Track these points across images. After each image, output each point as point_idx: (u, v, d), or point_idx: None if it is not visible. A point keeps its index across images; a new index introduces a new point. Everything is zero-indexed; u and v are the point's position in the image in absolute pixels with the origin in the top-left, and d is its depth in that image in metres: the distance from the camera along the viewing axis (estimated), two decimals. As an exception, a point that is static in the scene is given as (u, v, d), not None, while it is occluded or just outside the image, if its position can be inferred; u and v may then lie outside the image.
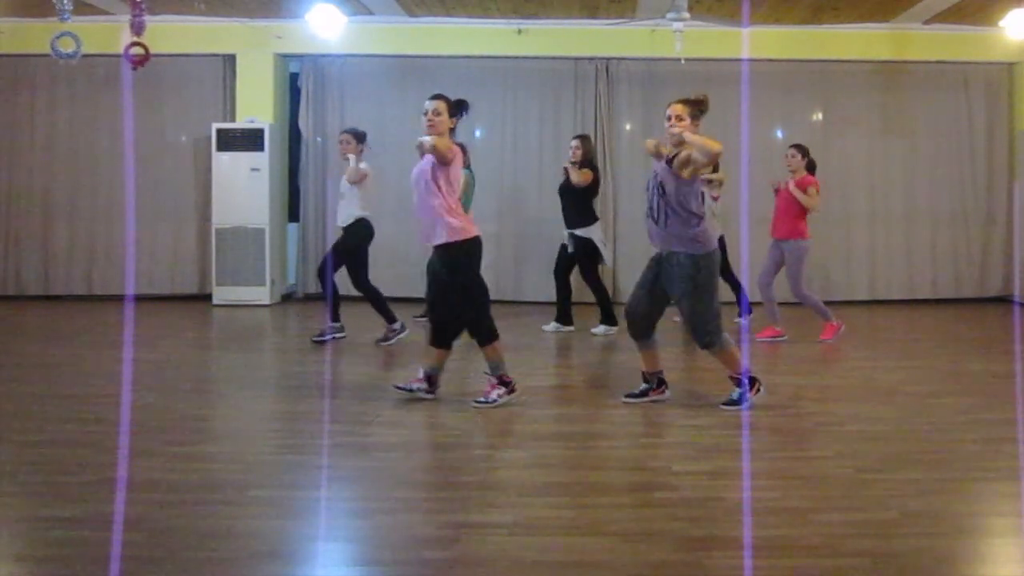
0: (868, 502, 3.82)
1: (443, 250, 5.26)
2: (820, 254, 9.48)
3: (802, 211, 7.42)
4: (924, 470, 4.25)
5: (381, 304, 7.32)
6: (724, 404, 5.27)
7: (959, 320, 9.25)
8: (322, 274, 7.34)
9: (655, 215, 5.15)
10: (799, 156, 7.53)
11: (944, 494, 3.92)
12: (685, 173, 5.04)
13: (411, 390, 5.43)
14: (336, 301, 7.38)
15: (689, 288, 5.12)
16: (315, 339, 7.39)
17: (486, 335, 5.32)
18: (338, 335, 7.42)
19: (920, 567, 3.18)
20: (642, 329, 5.33)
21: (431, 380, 5.45)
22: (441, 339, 5.44)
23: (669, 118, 5.09)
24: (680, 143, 5.04)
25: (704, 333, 5.18)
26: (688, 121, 5.04)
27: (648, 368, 5.43)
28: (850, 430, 5.00)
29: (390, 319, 7.33)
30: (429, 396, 5.43)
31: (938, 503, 3.81)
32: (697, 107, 5.11)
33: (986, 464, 4.35)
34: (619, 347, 7.53)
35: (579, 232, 7.94)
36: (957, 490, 3.98)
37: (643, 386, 5.44)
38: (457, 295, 5.32)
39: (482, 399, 5.31)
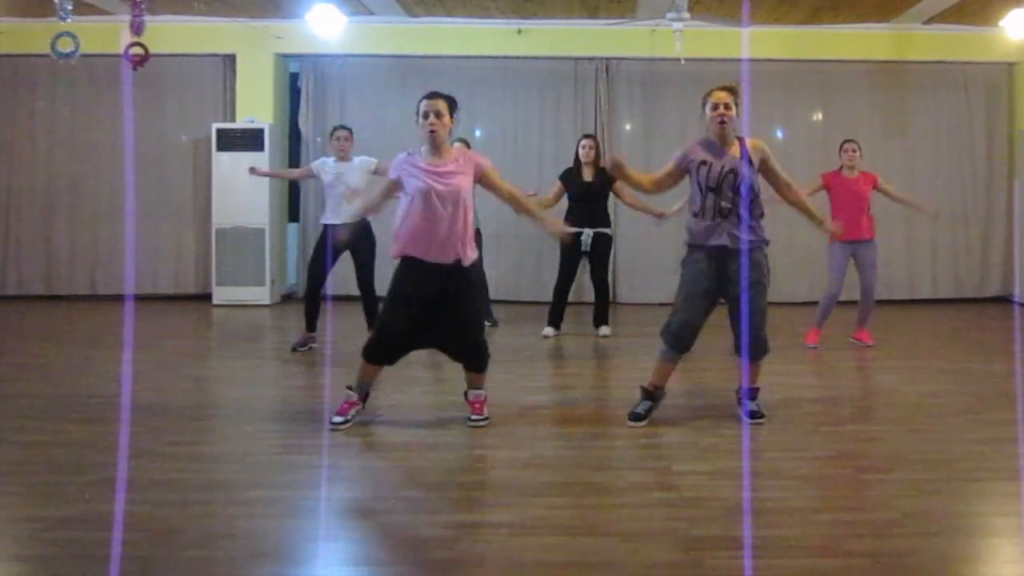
0: (868, 502, 3.82)
1: (469, 268, 4.88)
2: (821, 255, 9.45)
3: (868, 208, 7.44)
4: (924, 470, 4.24)
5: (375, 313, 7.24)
6: (753, 417, 5.01)
7: (959, 320, 9.25)
8: (322, 279, 7.08)
9: (726, 212, 4.94)
10: (860, 152, 7.53)
11: (944, 494, 3.91)
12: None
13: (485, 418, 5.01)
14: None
15: (760, 277, 4.91)
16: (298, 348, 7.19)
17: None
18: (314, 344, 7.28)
19: (920, 567, 3.17)
20: (692, 342, 5.03)
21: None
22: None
23: (716, 106, 4.92)
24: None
25: (765, 335, 4.93)
26: (735, 110, 4.96)
27: (662, 383, 5.06)
28: (850, 430, 5.00)
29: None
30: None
31: (938, 503, 3.81)
32: (736, 94, 5.03)
33: (986, 464, 4.35)
34: (618, 347, 7.53)
35: (607, 230, 8.01)
36: (957, 490, 3.98)
37: (647, 403, 5.02)
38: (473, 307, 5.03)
39: (477, 416, 4.98)
